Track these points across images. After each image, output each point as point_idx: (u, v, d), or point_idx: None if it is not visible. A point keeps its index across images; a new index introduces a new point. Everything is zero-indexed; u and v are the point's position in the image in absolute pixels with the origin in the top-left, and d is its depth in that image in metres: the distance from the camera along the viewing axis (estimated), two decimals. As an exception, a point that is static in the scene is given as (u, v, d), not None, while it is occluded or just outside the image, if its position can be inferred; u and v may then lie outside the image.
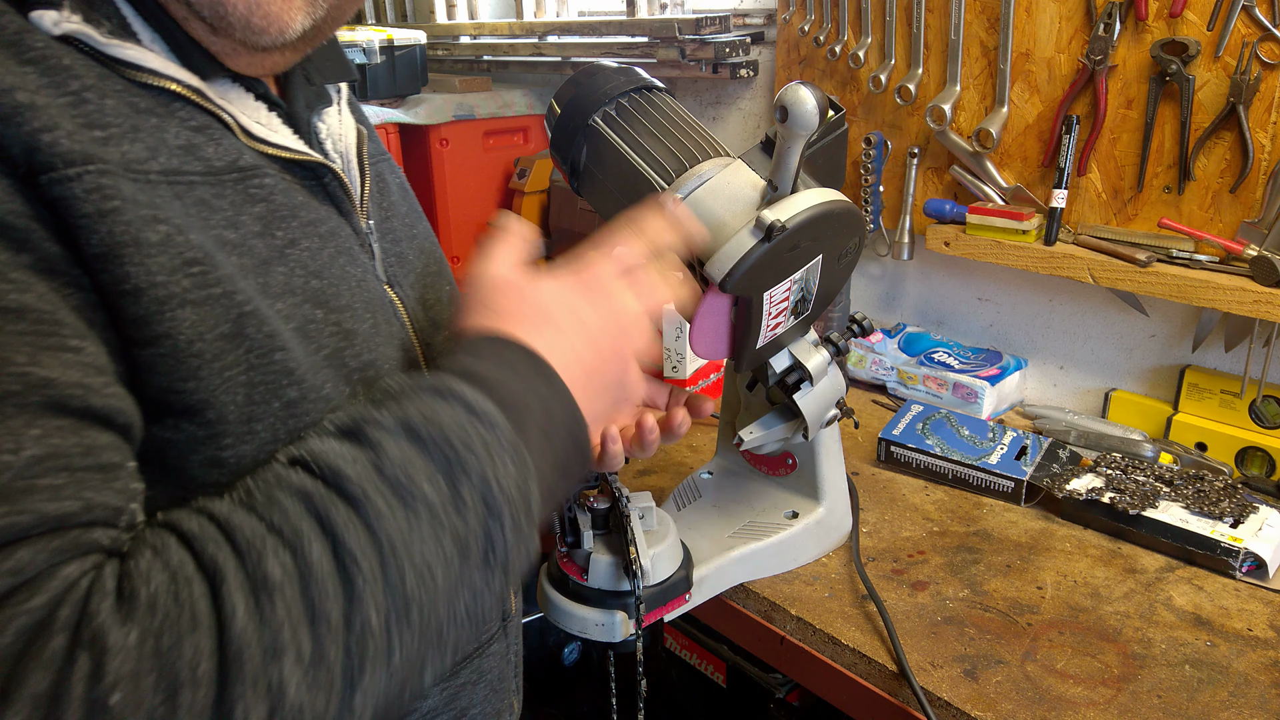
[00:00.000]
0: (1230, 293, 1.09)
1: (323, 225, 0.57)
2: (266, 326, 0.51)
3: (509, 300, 0.58)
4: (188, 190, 0.50)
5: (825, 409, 0.95)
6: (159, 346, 0.46)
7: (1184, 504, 1.04)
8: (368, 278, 0.61)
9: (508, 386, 0.51)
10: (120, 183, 0.46)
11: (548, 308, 0.58)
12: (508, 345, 0.54)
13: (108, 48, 0.49)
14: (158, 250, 0.46)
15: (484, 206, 1.93)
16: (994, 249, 1.29)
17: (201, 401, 0.48)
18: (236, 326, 0.49)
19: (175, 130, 0.51)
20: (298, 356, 0.52)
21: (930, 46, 1.36)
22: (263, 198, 0.54)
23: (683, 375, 1.38)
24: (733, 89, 1.74)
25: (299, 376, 0.52)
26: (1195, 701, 0.81)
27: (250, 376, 0.50)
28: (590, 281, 0.60)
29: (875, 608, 0.94)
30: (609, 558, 0.85)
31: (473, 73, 2.11)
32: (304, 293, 0.54)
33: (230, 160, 0.53)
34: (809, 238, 0.76)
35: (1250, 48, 1.06)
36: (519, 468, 0.49)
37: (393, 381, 0.50)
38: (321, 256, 0.56)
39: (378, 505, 0.44)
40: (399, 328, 0.63)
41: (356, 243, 0.61)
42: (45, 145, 0.44)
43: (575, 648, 1.66)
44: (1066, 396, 1.40)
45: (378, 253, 0.65)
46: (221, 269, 0.49)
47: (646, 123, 0.83)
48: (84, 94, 0.47)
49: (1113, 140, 1.21)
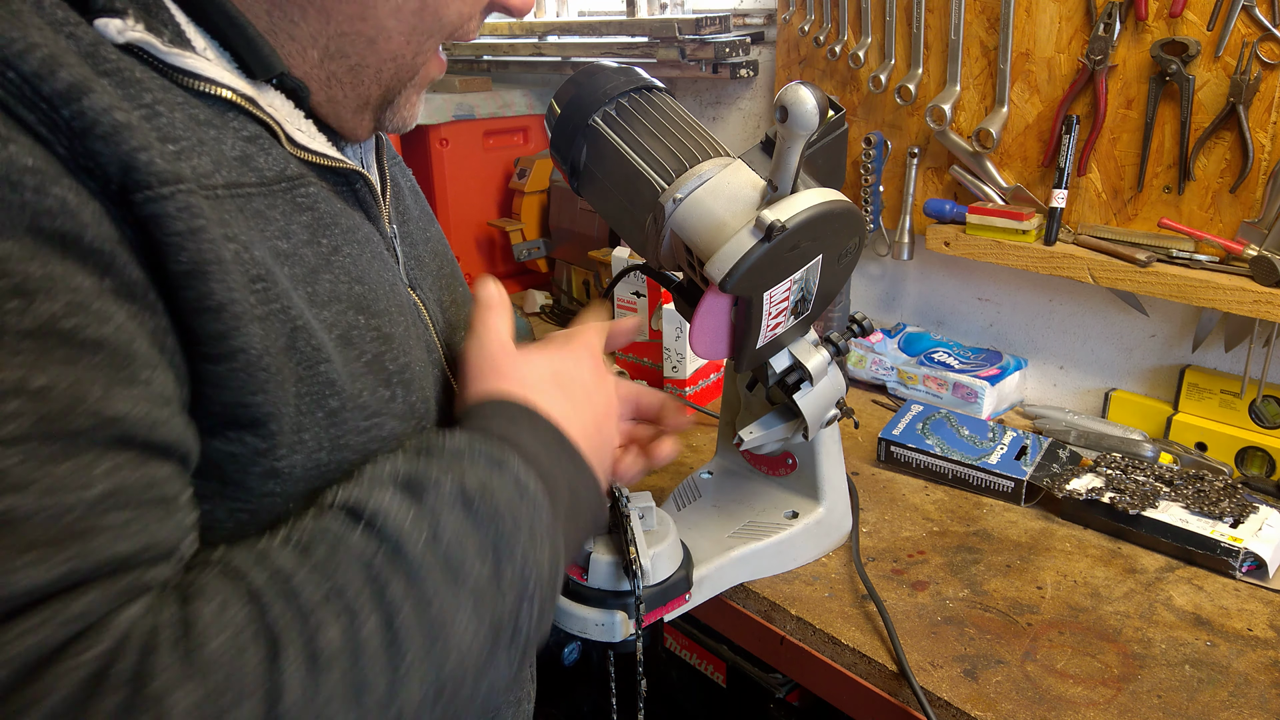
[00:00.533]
0: (1230, 293, 1.09)
1: (358, 231, 0.58)
2: (314, 339, 0.51)
3: (520, 368, 0.62)
4: (246, 203, 0.50)
5: (825, 409, 0.95)
6: (234, 361, 0.47)
7: (1184, 504, 1.04)
8: (397, 282, 0.62)
9: (543, 462, 0.55)
10: (200, 200, 0.46)
11: (556, 376, 0.63)
12: (535, 417, 0.58)
13: (169, 56, 0.49)
14: (232, 267, 0.47)
15: (484, 206, 1.93)
16: (994, 249, 1.29)
17: (267, 414, 0.49)
18: (290, 340, 0.50)
19: (231, 141, 0.51)
20: (338, 367, 0.53)
21: (930, 46, 1.36)
22: (309, 206, 0.54)
23: (683, 375, 1.38)
24: (733, 89, 1.74)
25: (339, 387, 0.53)
26: (1195, 701, 0.81)
27: (299, 388, 0.50)
28: (581, 352, 0.66)
29: (875, 608, 0.94)
30: (609, 558, 0.85)
31: (473, 73, 2.11)
32: (348, 299, 0.55)
33: (279, 170, 0.53)
34: (809, 238, 0.76)
35: (1250, 48, 1.06)
36: (553, 551, 0.52)
37: (455, 440, 0.52)
38: (361, 262, 0.57)
39: (433, 583, 0.46)
40: (423, 330, 0.65)
41: (384, 247, 0.62)
42: (142, 164, 0.44)
43: (575, 648, 1.66)
44: (1066, 396, 1.40)
45: (401, 256, 0.66)
46: (280, 283, 0.50)
47: (646, 123, 0.83)
48: (156, 107, 0.47)
49: (1113, 140, 1.21)
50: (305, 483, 0.51)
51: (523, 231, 1.87)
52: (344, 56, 0.57)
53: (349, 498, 0.48)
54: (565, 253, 1.84)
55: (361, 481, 0.49)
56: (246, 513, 0.50)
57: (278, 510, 0.51)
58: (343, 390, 0.53)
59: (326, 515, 0.47)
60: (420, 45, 0.58)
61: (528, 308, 1.89)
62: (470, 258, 1.94)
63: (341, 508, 0.47)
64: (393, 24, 0.56)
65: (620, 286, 1.45)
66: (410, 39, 0.57)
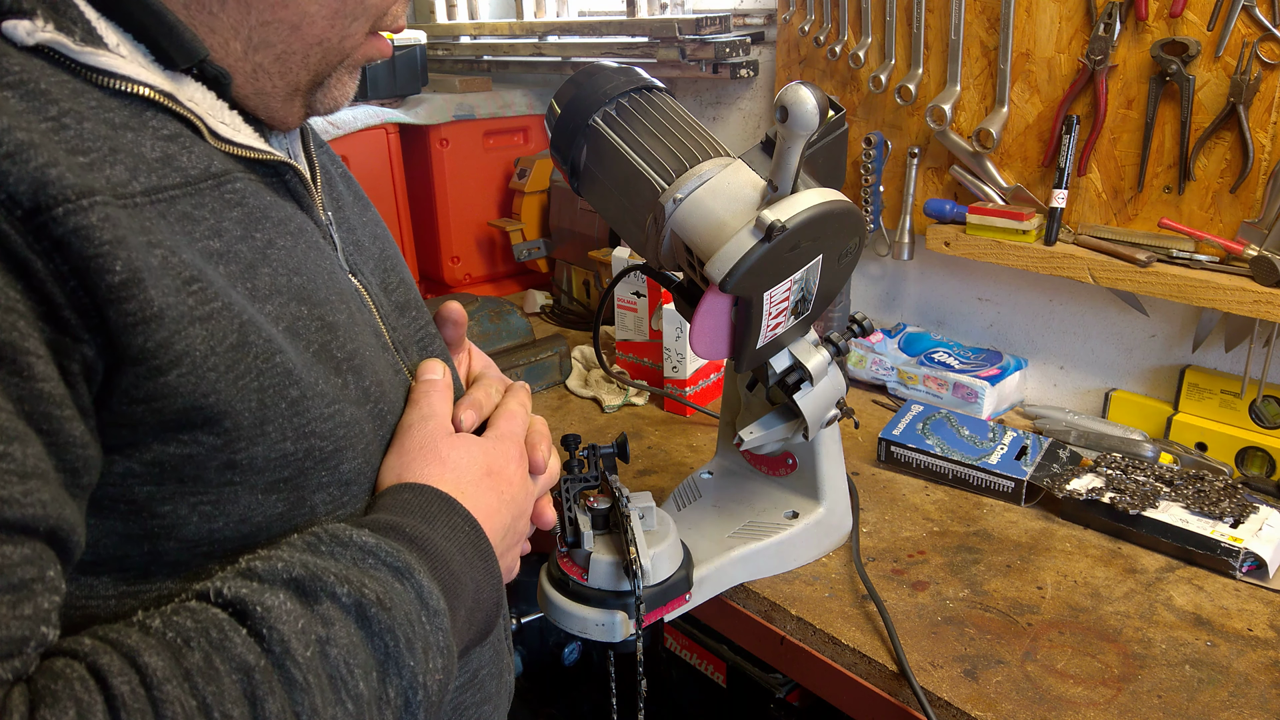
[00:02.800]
0: (1230, 293, 1.09)
1: (291, 222, 0.57)
2: (264, 332, 0.51)
3: (458, 455, 0.62)
4: (170, 206, 0.49)
5: (825, 409, 0.95)
6: (180, 366, 0.46)
7: (1184, 504, 1.04)
8: (336, 269, 0.61)
9: (453, 565, 0.55)
10: (116, 211, 0.45)
11: (489, 471, 0.63)
12: (457, 513, 0.58)
13: (81, 56, 0.47)
14: (161, 273, 0.46)
15: (484, 206, 1.93)
16: (994, 249, 1.29)
17: (220, 412, 0.48)
18: (241, 336, 0.49)
19: (150, 143, 0.49)
20: (292, 357, 0.52)
21: (930, 46, 1.36)
22: (238, 201, 0.53)
23: (683, 375, 1.38)
24: (733, 89, 1.74)
25: (297, 376, 0.52)
26: (1195, 701, 0.81)
27: (260, 382, 0.50)
28: (513, 449, 0.66)
29: (875, 608, 0.94)
30: (609, 558, 0.85)
31: (473, 73, 2.11)
32: (288, 291, 0.54)
33: (204, 167, 0.52)
34: (809, 238, 0.76)
35: (1250, 48, 1.06)
36: (445, 664, 0.52)
37: (363, 537, 0.52)
38: (297, 253, 0.56)
39: (314, 700, 0.45)
40: (368, 315, 0.64)
41: (320, 235, 0.61)
42: (53, 179, 0.42)
43: (575, 648, 1.66)
44: (1066, 396, 1.40)
45: (338, 243, 0.65)
46: (215, 282, 0.49)
47: (646, 123, 0.83)
48: (63, 119, 0.45)
49: (1113, 140, 1.21)
50: (269, 472, 0.51)
51: (523, 231, 1.88)
52: (269, 46, 0.55)
53: (237, 593, 0.46)
54: (565, 253, 1.84)
55: (254, 575, 0.47)
56: (209, 504, 0.50)
57: (242, 500, 0.51)
58: (301, 379, 0.53)
59: (210, 610, 0.45)
60: (345, 29, 0.57)
61: (528, 308, 1.89)
62: (470, 258, 1.94)
63: (228, 604, 0.45)
64: (314, 9, 0.55)
65: (620, 286, 1.45)
66: (334, 22, 0.56)
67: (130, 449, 0.47)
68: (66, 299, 0.43)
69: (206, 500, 0.50)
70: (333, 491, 0.56)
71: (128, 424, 0.46)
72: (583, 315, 1.80)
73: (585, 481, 0.89)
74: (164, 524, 0.49)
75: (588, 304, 1.81)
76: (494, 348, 1.50)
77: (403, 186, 1.80)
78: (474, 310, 1.50)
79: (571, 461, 0.90)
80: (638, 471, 1.24)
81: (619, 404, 1.44)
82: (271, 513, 0.52)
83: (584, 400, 1.47)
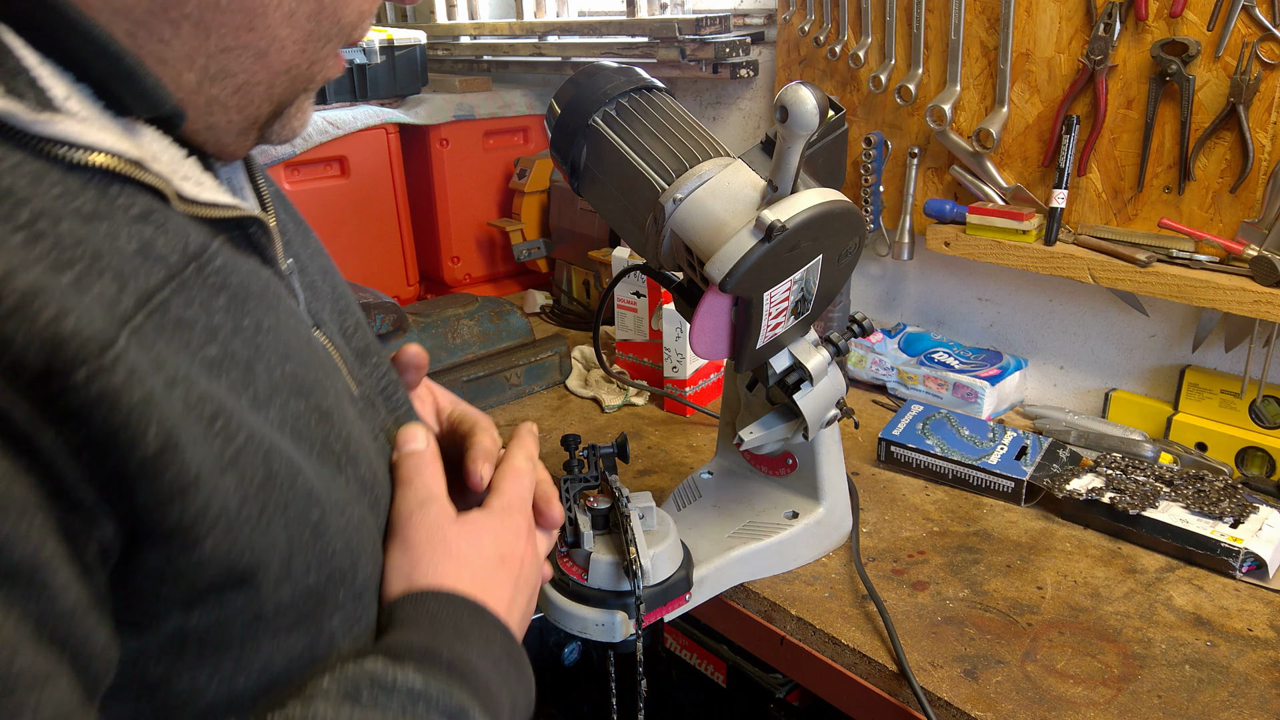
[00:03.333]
0: (1230, 293, 1.09)
1: (267, 290, 0.48)
2: (283, 452, 0.44)
3: (467, 547, 0.55)
4: (163, 315, 0.40)
5: (825, 409, 0.95)
6: (216, 530, 0.39)
7: (1184, 504, 1.04)
8: (308, 333, 0.52)
9: (493, 687, 0.50)
10: (133, 352, 0.37)
11: (502, 557, 0.56)
12: (485, 619, 0.52)
13: (35, 125, 0.38)
14: (188, 421, 0.38)
15: (484, 206, 1.93)
16: (994, 249, 1.29)
17: (252, 567, 0.42)
18: (267, 469, 0.42)
19: (125, 233, 0.40)
20: (309, 473, 0.45)
21: (930, 46, 1.36)
22: (221, 283, 0.44)
23: (683, 375, 1.38)
24: (733, 89, 1.74)
25: (317, 495, 0.45)
26: (1195, 701, 0.81)
27: (287, 516, 0.43)
28: (522, 521, 0.60)
29: (875, 608, 0.94)
30: (609, 558, 0.85)
31: (473, 73, 2.11)
32: (286, 385, 0.46)
33: (182, 248, 0.42)
34: (809, 238, 0.76)
35: (1250, 48, 1.06)
36: None
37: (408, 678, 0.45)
38: (281, 331, 0.47)
39: None
40: (339, 377, 0.54)
41: (285, 292, 0.52)
42: (68, 334, 0.34)
43: (575, 648, 1.66)
44: (1066, 396, 1.40)
45: (300, 294, 0.55)
46: (228, 407, 0.41)
47: (646, 123, 0.83)
48: (37, 224, 0.36)
49: (1113, 140, 1.21)
50: (292, 611, 0.45)
51: (523, 231, 1.88)
52: (228, 76, 0.46)
53: None
54: (565, 253, 1.84)
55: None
56: (230, 664, 0.43)
57: (264, 649, 0.44)
58: (320, 497, 0.45)
59: None
60: (316, 53, 0.49)
61: (528, 308, 1.89)
62: (470, 258, 1.94)
63: None
64: (286, 32, 0.47)
65: (620, 286, 1.45)
66: (306, 47, 0.48)
67: (146, 627, 0.40)
68: (83, 473, 0.35)
69: (228, 662, 0.43)
70: (348, 609, 0.49)
71: (146, 600, 0.39)
72: (583, 315, 1.80)
73: (585, 481, 0.89)
74: (180, 700, 0.42)
75: (588, 304, 1.81)
76: (494, 348, 1.50)
77: (403, 186, 1.80)
78: (474, 310, 1.50)
79: (571, 461, 0.90)
80: (638, 471, 1.24)
81: (619, 404, 1.44)
82: (292, 653, 0.46)
83: (584, 400, 1.47)
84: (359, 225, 1.75)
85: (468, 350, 1.46)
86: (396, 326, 1.34)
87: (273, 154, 1.59)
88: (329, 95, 1.71)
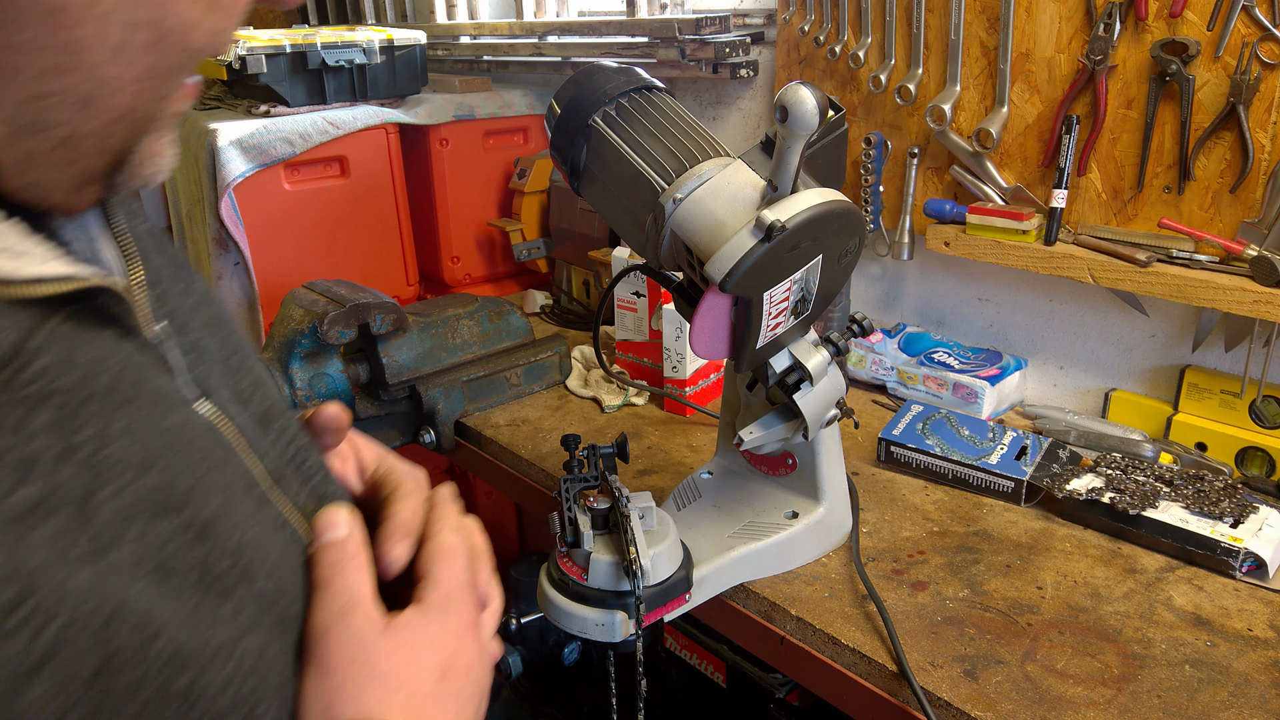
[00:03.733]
0: (1230, 293, 1.09)
1: (120, 381, 0.38)
2: (131, 614, 0.34)
3: (402, 665, 0.46)
4: None
5: (825, 409, 0.95)
6: None
7: (1184, 504, 1.04)
8: (184, 413, 0.42)
9: None
10: None
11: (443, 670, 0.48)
12: None
13: None
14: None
15: (484, 206, 1.93)
16: (994, 249, 1.29)
17: None
18: (103, 653, 0.33)
19: None
20: (175, 624, 0.36)
21: (930, 46, 1.36)
22: (46, 391, 0.34)
23: (683, 375, 1.38)
24: (733, 89, 1.74)
25: (185, 653, 0.36)
26: (1195, 701, 0.81)
27: (138, 699, 0.34)
28: (466, 615, 0.51)
29: (875, 608, 0.94)
30: (609, 558, 0.85)
31: (473, 73, 2.11)
32: (147, 507, 0.36)
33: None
34: (809, 238, 0.76)
35: (1250, 48, 1.06)
36: None
37: None
38: (139, 432, 0.37)
39: None
40: (231, 462, 0.44)
41: (152, 368, 0.41)
42: None
43: (575, 648, 1.66)
44: (1066, 396, 1.40)
45: (176, 362, 0.44)
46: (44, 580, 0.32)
47: (646, 123, 0.83)
48: None
49: (1113, 140, 1.22)
50: None
51: (523, 231, 1.88)
52: (44, 129, 0.37)
53: None
54: (565, 253, 1.84)
55: None
56: None
57: None
58: (192, 654, 0.36)
59: None
60: (160, 89, 0.40)
61: (528, 308, 1.89)
62: (470, 258, 1.94)
63: None
64: (116, 71, 0.37)
65: (620, 286, 1.45)
66: (146, 85, 0.39)
67: None
68: None
69: None
70: None
71: None
72: (583, 315, 1.80)
73: (585, 481, 0.89)
74: None
75: (588, 304, 1.81)
76: (494, 348, 1.50)
77: (402, 187, 1.80)
78: (474, 310, 1.50)
79: (571, 461, 0.90)
80: (638, 471, 1.24)
81: (619, 404, 1.44)
82: None
83: (584, 400, 1.47)
84: (359, 225, 1.75)
85: (468, 350, 1.46)
86: (396, 326, 1.34)
87: (272, 154, 1.59)
88: (329, 95, 1.71)
